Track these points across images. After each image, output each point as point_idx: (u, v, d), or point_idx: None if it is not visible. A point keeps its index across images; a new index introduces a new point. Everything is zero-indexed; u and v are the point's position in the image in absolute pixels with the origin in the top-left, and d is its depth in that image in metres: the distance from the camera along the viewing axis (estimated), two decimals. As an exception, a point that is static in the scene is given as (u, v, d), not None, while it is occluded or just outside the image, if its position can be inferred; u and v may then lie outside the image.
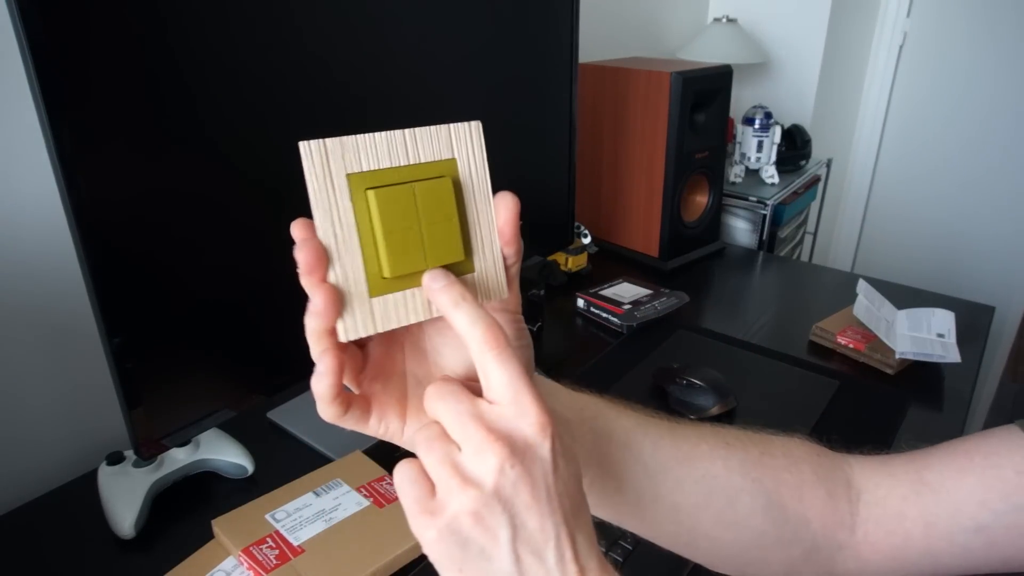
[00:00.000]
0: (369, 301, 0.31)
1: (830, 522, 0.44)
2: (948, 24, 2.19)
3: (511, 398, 0.30)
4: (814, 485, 0.44)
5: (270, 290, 0.67)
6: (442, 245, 0.32)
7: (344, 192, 0.30)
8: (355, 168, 0.30)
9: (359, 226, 0.30)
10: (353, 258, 0.30)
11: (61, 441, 0.81)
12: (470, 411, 0.30)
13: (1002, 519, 0.41)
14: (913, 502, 0.43)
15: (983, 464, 0.42)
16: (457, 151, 0.32)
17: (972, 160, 2.26)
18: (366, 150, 0.30)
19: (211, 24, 0.57)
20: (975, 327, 1.07)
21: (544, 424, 0.29)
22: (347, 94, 0.69)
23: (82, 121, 0.51)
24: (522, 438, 0.29)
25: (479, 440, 0.29)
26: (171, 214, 0.58)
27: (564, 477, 0.30)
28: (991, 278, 2.28)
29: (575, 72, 1.00)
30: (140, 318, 0.58)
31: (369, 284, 0.31)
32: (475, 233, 0.33)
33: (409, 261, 0.31)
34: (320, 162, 0.29)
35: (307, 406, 0.87)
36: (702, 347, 1.02)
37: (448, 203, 0.32)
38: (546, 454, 0.29)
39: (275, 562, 0.61)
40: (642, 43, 1.72)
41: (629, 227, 1.35)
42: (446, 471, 0.29)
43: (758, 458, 0.44)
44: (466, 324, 0.30)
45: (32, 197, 0.72)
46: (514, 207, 0.33)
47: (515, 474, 0.29)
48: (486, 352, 0.30)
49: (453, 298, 0.31)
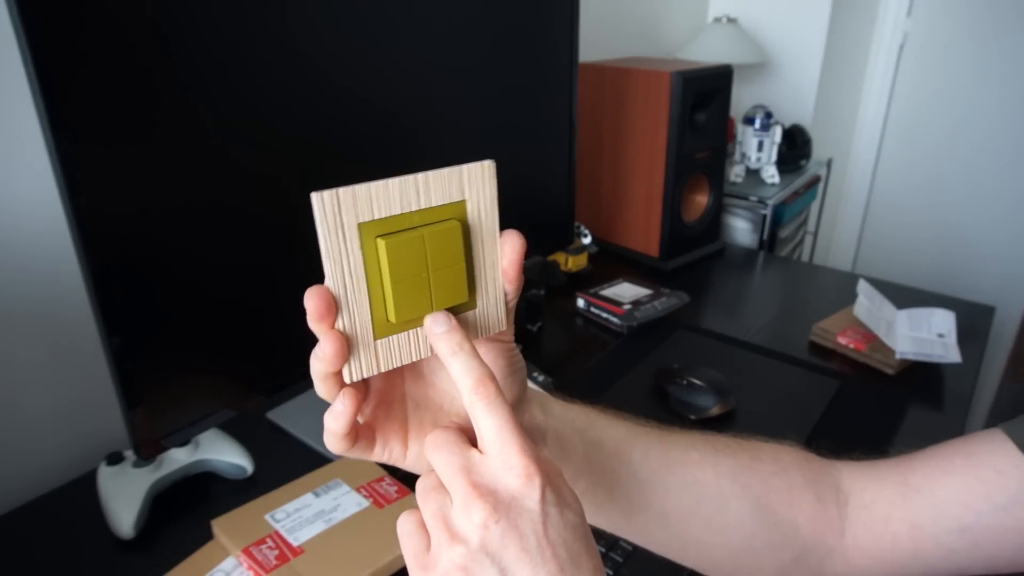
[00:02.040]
0: (374, 344, 0.32)
1: (819, 526, 0.44)
2: (948, 24, 2.19)
3: (498, 449, 0.30)
4: (803, 489, 0.45)
5: (270, 290, 0.67)
6: (448, 288, 0.32)
7: (355, 241, 0.30)
8: (366, 217, 0.30)
9: (367, 272, 0.31)
10: (361, 305, 0.31)
11: (61, 441, 0.81)
12: (460, 464, 0.30)
13: (984, 519, 0.41)
14: (899, 505, 0.44)
15: (964, 465, 0.43)
16: (468, 192, 0.32)
17: (972, 160, 2.26)
18: (378, 198, 0.30)
19: (207, 27, 0.57)
20: (975, 327, 1.07)
21: (530, 475, 0.29)
22: (345, 92, 0.69)
23: (83, 122, 0.51)
24: (507, 492, 0.29)
25: (465, 495, 0.29)
26: (171, 214, 0.58)
27: (557, 526, 0.30)
28: (991, 278, 2.28)
29: (575, 72, 1.00)
30: (140, 318, 0.58)
31: (375, 328, 0.31)
32: (480, 272, 0.33)
33: (415, 306, 0.32)
34: (332, 212, 0.29)
35: (307, 406, 0.87)
36: (702, 347, 1.02)
37: (456, 246, 0.32)
38: (534, 505, 0.29)
39: (275, 562, 0.61)
40: (642, 43, 1.72)
41: (629, 227, 1.35)
42: (438, 525, 0.30)
43: (747, 464, 0.45)
44: (460, 372, 0.31)
45: (32, 198, 0.72)
46: (520, 248, 0.33)
47: (500, 529, 0.29)
48: (476, 402, 0.30)
49: (451, 346, 0.31)
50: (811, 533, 0.44)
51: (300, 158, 0.66)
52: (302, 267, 0.67)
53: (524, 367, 0.37)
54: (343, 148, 0.70)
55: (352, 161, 0.71)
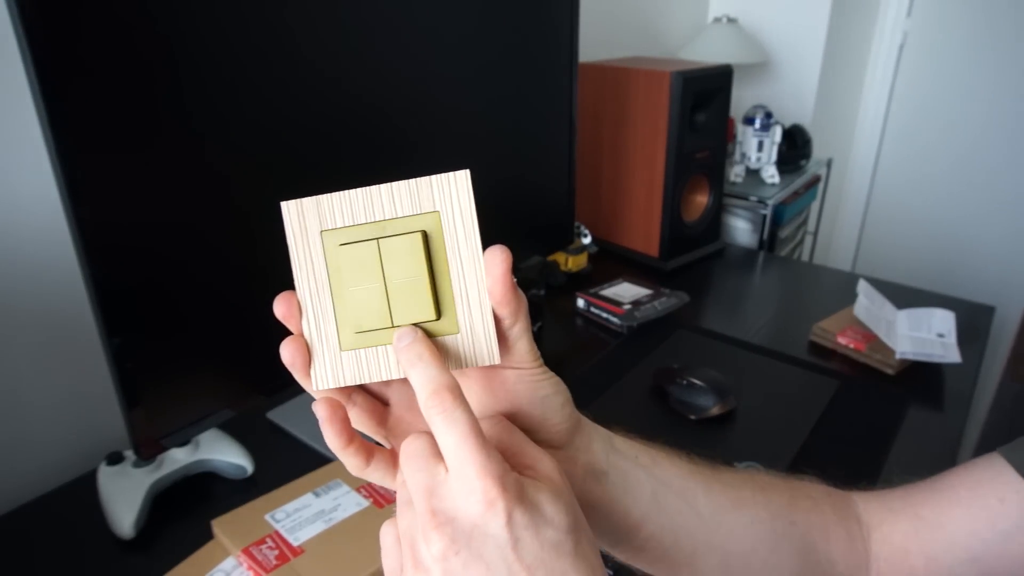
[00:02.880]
0: (340, 355, 0.31)
1: (852, 562, 0.44)
2: (948, 24, 2.19)
3: (457, 469, 0.27)
4: (836, 525, 0.45)
5: (270, 290, 0.67)
6: (411, 304, 0.31)
7: (318, 248, 0.31)
8: (329, 225, 0.31)
9: (331, 281, 0.31)
10: (324, 312, 0.31)
11: (61, 441, 0.81)
12: (423, 484, 0.28)
13: (992, 548, 0.42)
14: (914, 538, 0.44)
15: (968, 496, 0.43)
16: (441, 203, 0.31)
17: (972, 160, 2.26)
18: (342, 207, 0.31)
19: (211, 35, 0.57)
20: (975, 327, 1.07)
21: (491, 500, 0.26)
22: (340, 91, 0.69)
23: (83, 123, 0.51)
24: (467, 519, 0.27)
25: (424, 524, 0.27)
26: (171, 215, 0.58)
27: (532, 549, 0.27)
28: (991, 278, 2.28)
29: (575, 72, 1.00)
30: (140, 318, 0.58)
31: (340, 338, 0.31)
32: (460, 291, 0.31)
33: (373, 318, 0.31)
34: (298, 220, 0.30)
35: (307, 406, 0.87)
36: (702, 347, 1.02)
37: (417, 260, 0.30)
38: (499, 531, 0.26)
39: (275, 562, 0.61)
40: (642, 43, 1.72)
41: (629, 227, 1.35)
42: (406, 546, 0.28)
43: (790, 501, 0.44)
44: (418, 383, 0.29)
45: (32, 198, 0.72)
46: (503, 263, 0.30)
47: (461, 560, 0.26)
48: (432, 415, 0.28)
49: (410, 358, 0.29)
50: (846, 570, 0.44)
51: (300, 161, 0.66)
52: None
53: (560, 394, 0.33)
54: (343, 148, 0.70)
55: (352, 161, 0.71)
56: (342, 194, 0.31)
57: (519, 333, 0.31)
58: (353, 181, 0.31)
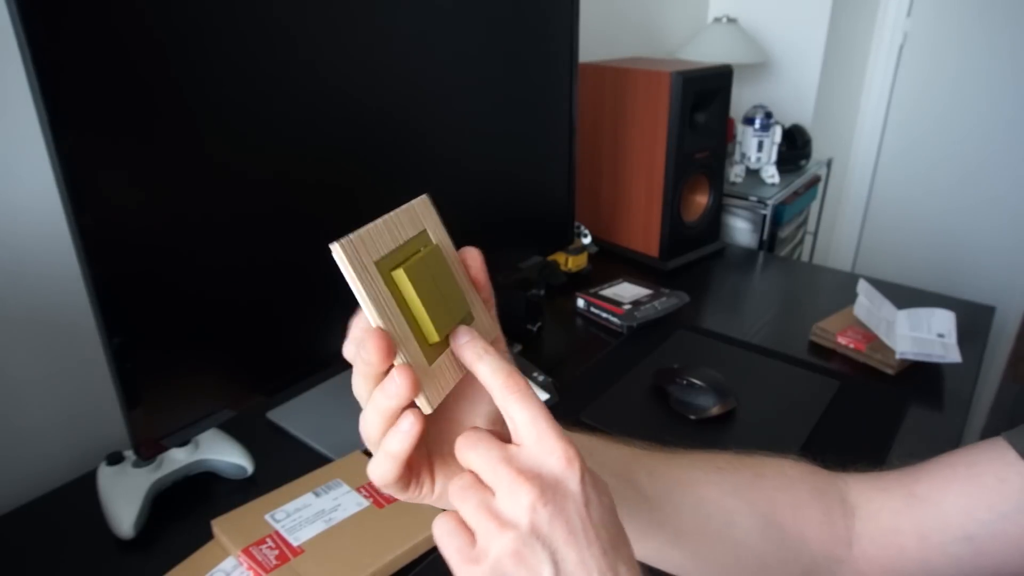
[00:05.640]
0: (431, 370, 0.33)
1: (827, 539, 0.45)
2: (948, 24, 2.19)
3: (536, 438, 0.31)
4: (809, 504, 0.45)
5: (270, 290, 0.67)
6: (455, 302, 0.34)
7: (379, 279, 0.32)
8: (376, 255, 0.32)
9: (399, 305, 0.32)
10: (408, 338, 0.32)
11: (61, 441, 0.81)
12: (499, 455, 0.31)
13: (988, 527, 0.42)
14: (906, 515, 0.44)
15: (966, 475, 0.43)
16: (426, 222, 0.35)
17: (972, 160, 2.26)
18: (375, 237, 0.32)
19: (212, 39, 0.57)
20: (975, 327, 1.07)
21: (571, 458, 0.30)
22: (341, 91, 0.69)
23: (83, 123, 0.51)
24: (551, 475, 0.30)
25: (510, 481, 0.30)
26: (171, 215, 0.58)
27: (597, 509, 0.31)
28: (991, 278, 2.28)
29: (575, 72, 1.00)
30: (140, 318, 0.58)
31: (426, 355, 0.33)
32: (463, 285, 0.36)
33: (444, 322, 0.33)
34: (354, 255, 0.31)
35: (307, 406, 0.87)
36: (702, 347, 1.02)
37: (444, 265, 0.35)
38: (576, 487, 0.30)
39: (275, 562, 0.61)
40: (642, 43, 1.72)
41: (629, 227, 1.35)
42: (483, 516, 0.30)
43: (751, 480, 0.45)
44: (488, 373, 0.32)
45: (32, 198, 0.72)
46: (479, 257, 0.36)
47: (548, 512, 0.29)
48: (508, 397, 0.31)
49: (477, 351, 0.33)
50: (820, 546, 0.45)
51: (300, 162, 0.66)
52: (301, 268, 0.67)
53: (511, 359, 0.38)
54: (342, 149, 0.70)
55: (350, 163, 0.71)
56: (372, 226, 0.32)
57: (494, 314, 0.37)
58: (354, 181, 0.32)
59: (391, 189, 0.75)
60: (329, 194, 0.70)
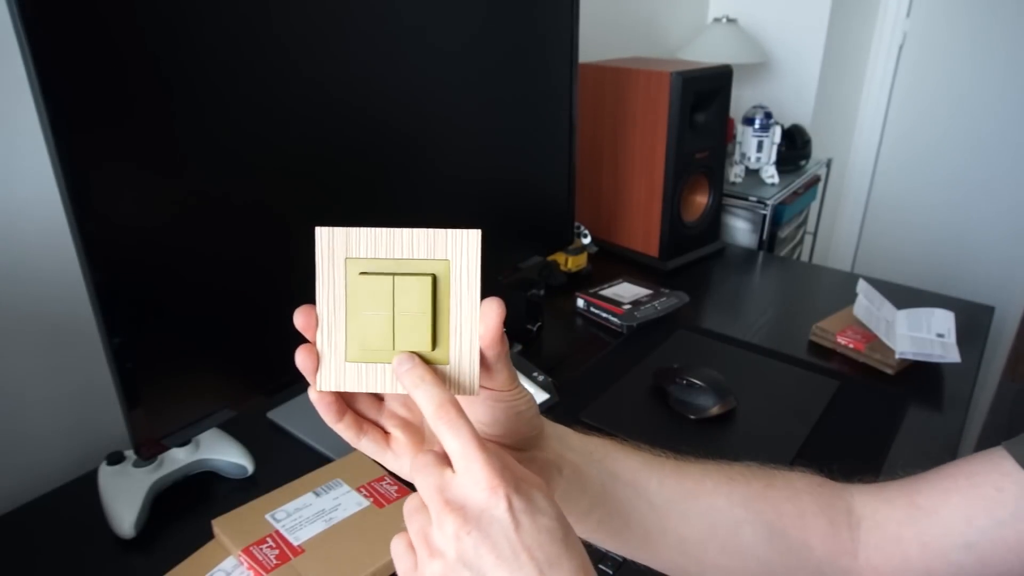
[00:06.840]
0: (344, 364, 0.36)
1: (833, 549, 0.46)
2: (948, 24, 2.19)
3: (464, 467, 0.32)
4: (815, 515, 0.46)
5: (270, 290, 0.67)
6: (412, 334, 0.35)
7: (341, 271, 0.35)
8: (354, 254, 0.35)
9: (348, 302, 0.35)
10: (337, 326, 0.36)
11: (61, 441, 0.81)
12: (434, 484, 0.33)
13: (988, 535, 0.43)
14: (908, 525, 0.45)
15: (966, 484, 0.45)
16: (452, 254, 0.35)
17: (972, 160, 2.26)
18: (368, 241, 0.35)
19: (212, 42, 0.57)
20: (975, 327, 1.07)
21: (494, 487, 0.31)
22: (341, 91, 0.69)
23: (84, 123, 0.51)
24: (475, 504, 0.31)
25: (437, 512, 0.32)
26: (171, 215, 0.58)
27: (530, 531, 0.31)
28: (991, 278, 2.28)
29: (575, 72, 1.00)
30: (140, 318, 0.58)
31: (347, 350, 0.36)
32: (455, 331, 0.35)
33: (379, 340, 0.35)
34: (328, 244, 0.35)
35: (307, 406, 0.87)
36: (702, 347, 1.02)
37: (424, 299, 0.35)
38: (502, 514, 0.31)
39: (275, 562, 0.61)
40: (642, 43, 1.72)
41: (629, 227, 1.35)
42: (419, 542, 0.33)
43: (760, 491, 0.46)
44: (423, 400, 0.34)
45: (32, 197, 0.72)
46: (498, 315, 0.35)
47: (472, 540, 0.31)
48: (439, 425, 0.33)
49: (414, 380, 0.34)
50: (825, 556, 0.46)
51: (299, 162, 0.66)
52: (301, 269, 0.67)
53: (531, 408, 0.39)
54: (343, 150, 0.70)
55: (351, 164, 0.71)
56: (369, 230, 0.35)
57: (502, 366, 0.37)
58: (353, 180, 0.32)
59: (391, 190, 0.76)
60: (329, 194, 0.70)
